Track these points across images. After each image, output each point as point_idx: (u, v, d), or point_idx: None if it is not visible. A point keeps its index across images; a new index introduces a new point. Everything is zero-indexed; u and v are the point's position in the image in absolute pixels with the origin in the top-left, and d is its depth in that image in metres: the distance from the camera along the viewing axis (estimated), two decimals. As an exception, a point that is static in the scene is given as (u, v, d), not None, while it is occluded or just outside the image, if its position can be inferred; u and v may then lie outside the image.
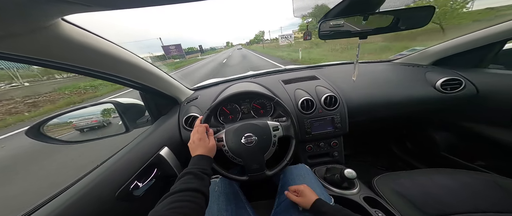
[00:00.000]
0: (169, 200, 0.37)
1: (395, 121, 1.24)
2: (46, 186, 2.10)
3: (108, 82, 0.69)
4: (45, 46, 0.40)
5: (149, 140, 0.74)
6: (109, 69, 0.58)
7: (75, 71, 0.51)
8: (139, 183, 0.60)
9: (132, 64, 0.62)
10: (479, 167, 1.01)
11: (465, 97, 0.94)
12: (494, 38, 0.88)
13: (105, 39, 0.53)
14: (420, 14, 0.47)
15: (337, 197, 0.71)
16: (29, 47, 0.38)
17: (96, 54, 0.50)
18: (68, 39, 0.42)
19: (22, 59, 0.40)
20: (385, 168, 1.39)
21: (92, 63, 0.52)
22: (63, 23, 0.40)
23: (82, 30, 0.45)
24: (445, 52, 1.08)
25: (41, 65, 0.44)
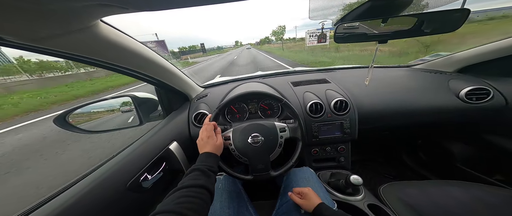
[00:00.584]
0: (177, 194, 0.39)
1: (410, 130, 1.17)
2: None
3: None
4: (86, 44, 0.44)
5: (161, 134, 0.77)
6: (135, 66, 0.62)
7: (107, 67, 0.56)
8: (149, 176, 0.63)
9: (153, 61, 0.66)
10: (497, 181, 0.94)
11: (492, 109, 0.86)
12: None
13: (133, 38, 0.57)
14: (452, 17, 0.42)
15: (340, 202, 0.70)
16: (72, 45, 0.42)
17: (126, 52, 0.54)
18: (105, 39, 0.46)
19: (66, 55, 0.44)
20: (393, 177, 1.33)
21: (121, 60, 0.57)
22: (101, 24, 0.44)
23: (115, 30, 0.49)
24: (473, 59, 0.98)
25: (80, 61, 0.49)
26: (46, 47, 0.39)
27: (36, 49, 0.39)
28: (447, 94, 0.91)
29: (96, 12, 0.36)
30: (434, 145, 1.23)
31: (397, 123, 0.97)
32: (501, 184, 0.91)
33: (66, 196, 0.43)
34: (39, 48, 0.39)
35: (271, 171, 0.64)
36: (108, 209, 0.48)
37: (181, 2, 0.34)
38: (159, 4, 0.34)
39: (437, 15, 0.43)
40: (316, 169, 0.87)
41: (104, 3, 0.32)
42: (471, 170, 1.04)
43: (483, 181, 0.96)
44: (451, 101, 0.89)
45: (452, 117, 0.93)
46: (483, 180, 0.98)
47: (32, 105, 6.33)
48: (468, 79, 0.93)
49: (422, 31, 0.45)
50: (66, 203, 0.42)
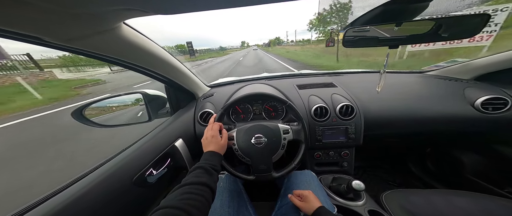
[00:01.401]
0: (180, 191, 0.39)
1: (418, 138, 1.12)
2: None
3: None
4: (109, 44, 0.48)
5: (167, 130, 0.79)
6: (150, 65, 0.65)
7: (125, 66, 0.59)
8: (154, 171, 0.64)
9: (166, 61, 0.69)
10: (508, 194, 0.89)
11: (509, 120, 0.80)
12: None
13: (150, 40, 0.59)
14: (471, 22, 0.40)
15: (341, 207, 0.69)
16: (98, 45, 0.46)
17: (143, 53, 0.58)
18: (126, 39, 0.49)
19: (92, 55, 0.48)
20: (397, 185, 1.28)
21: (139, 59, 0.60)
22: (124, 26, 0.47)
23: (136, 32, 0.52)
24: (493, 66, 0.91)
25: (104, 60, 0.53)
26: (76, 47, 0.43)
27: (68, 49, 0.43)
28: (462, 102, 0.86)
29: (120, 15, 0.39)
30: (443, 154, 1.17)
31: (406, 130, 0.93)
32: (511, 196, 0.87)
33: (76, 188, 0.46)
34: (71, 48, 0.42)
35: (273, 172, 0.64)
36: (113, 202, 0.50)
37: (194, 7, 0.36)
38: (174, 8, 0.37)
39: (453, 20, 0.40)
40: (318, 172, 0.85)
41: (127, 7, 0.35)
42: (481, 181, 0.99)
43: (493, 193, 0.91)
44: (465, 110, 0.84)
45: (465, 127, 0.88)
46: (493, 192, 0.93)
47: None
48: (485, 88, 0.88)
49: (439, 35, 0.42)
50: (75, 195, 0.44)
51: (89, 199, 0.45)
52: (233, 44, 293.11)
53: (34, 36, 0.35)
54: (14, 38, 0.35)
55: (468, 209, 0.60)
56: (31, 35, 0.35)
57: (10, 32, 0.32)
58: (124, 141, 0.75)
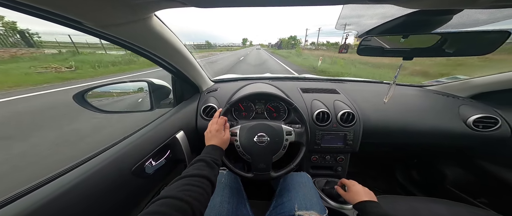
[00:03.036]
0: (182, 182, 0.39)
1: (409, 150, 1.16)
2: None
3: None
4: (137, 34, 0.48)
5: (170, 121, 0.77)
6: (168, 57, 0.66)
7: (144, 55, 0.59)
8: (153, 162, 0.62)
9: (180, 52, 0.68)
10: (480, 204, 0.98)
11: (496, 138, 0.84)
12: None
13: (172, 32, 0.60)
14: (488, 38, 0.39)
15: (331, 209, 0.71)
16: (127, 33, 0.46)
17: (166, 45, 0.59)
18: (154, 31, 0.50)
19: (120, 42, 0.48)
20: (381, 192, 1.33)
21: (161, 51, 0.61)
22: (154, 17, 0.47)
23: (163, 24, 0.53)
24: (489, 87, 0.94)
25: (132, 50, 0.54)
26: (111, 34, 0.43)
27: (103, 35, 0.43)
28: (455, 119, 0.89)
29: (155, 5, 0.39)
30: (428, 165, 1.23)
31: (399, 141, 0.95)
32: (482, 205, 0.94)
33: (74, 174, 0.43)
34: (106, 34, 0.43)
35: (271, 171, 0.64)
36: (111, 191, 0.48)
37: (232, 2, 0.36)
38: (212, 2, 0.37)
39: (473, 35, 0.40)
40: (313, 175, 0.86)
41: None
42: (458, 191, 1.06)
43: (467, 202, 0.95)
44: (457, 127, 0.87)
45: (455, 142, 0.92)
46: (468, 201, 1.00)
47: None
48: (479, 107, 0.91)
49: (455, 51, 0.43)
50: (73, 182, 0.42)
51: (86, 187, 0.43)
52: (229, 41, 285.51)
53: (75, 20, 0.35)
54: (57, 21, 0.35)
55: (443, 215, 0.65)
56: (73, 19, 0.35)
57: (55, 14, 0.33)
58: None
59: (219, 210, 0.57)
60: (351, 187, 0.62)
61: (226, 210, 0.58)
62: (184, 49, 0.70)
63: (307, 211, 0.56)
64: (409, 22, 0.36)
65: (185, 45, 0.71)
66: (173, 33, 0.61)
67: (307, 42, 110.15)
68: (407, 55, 0.46)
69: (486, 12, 0.35)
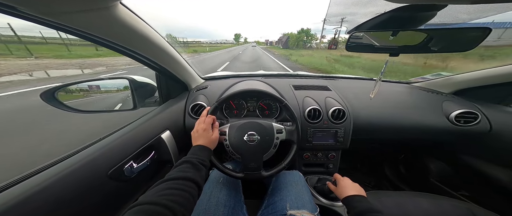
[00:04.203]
0: (162, 186, 0.36)
1: (397, 145, 1.21)
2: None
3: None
4: (101, 24, 0.43)
5: (154, 121, 0.73)
6: (143, 51, 0.61)
7: (117, 50, 0.54)
8: (134, 164, 0.59)
9: (161, 47, 0.64)
10: (461, 196, 1.03)
11: (476, 133, 0.89)
12: None
13: (147, 24, 0.55)
14: (470, 35, 0.40)
15: (323, 207, 0.72)
16: (87, 23, 0.41)
17: (138, 37, 0.53)
18: (121, 21, 0.45)
19: (78, 33, 0.43)
20: (371, 187, 1.39)
21: (132, 44, 0.56)
22: (120, 6, 0.43)
23: (132, 13, 0.48)
24: (471, 83, 0.99)
25: (95, 42, 0.48)
26: (61, 23, 0.37)
27: (49, 23, 0.37)
28: (438, 114, 0.93)
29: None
30: (413, 161, 1.28)
31: (387, 137, 0.98)
32: (463, 198, 1.00)
33: (42, 177, 0.40)
34: (54, 23, 0.37)
35: (262, 171, 0.63)
36: (85, 195, 0.45)
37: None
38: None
39: (456, 32, 0.41)
40: (305, 173, 0.87)
41: None
42: (441, 185, 1.11)
43: (450, 195, 1.03)
44: (440, 122, 0.91)
45: (438, 137, 0.96)
46: (450, 194, 1.05)
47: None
48: (460, 102, 0.95)
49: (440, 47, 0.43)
50: (41, 185, 0.38)
51: (56, 190, 0.40)
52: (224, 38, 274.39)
53: (6, 4, 0.30)
54: None
55: (429, 210, 0.68)
56: (2, 3, 0.29)
57: None
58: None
59: (214, 213, 0.55)
60: (341, 182, 0.64)
61: (223, 207, 0.57)
62: (166, 44, 0.66)
63: (298, 210, 0.56)
64: (395, 18, 0.36)
65: (168, 41, 0.67)
66: (150, 26, 0.56)
67: (323, 39, 76.29)
68: (394, 52, 0.46)
69: (466, 11, 0.35)
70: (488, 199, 0.95)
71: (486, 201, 0.95)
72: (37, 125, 2.42)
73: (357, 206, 0.51)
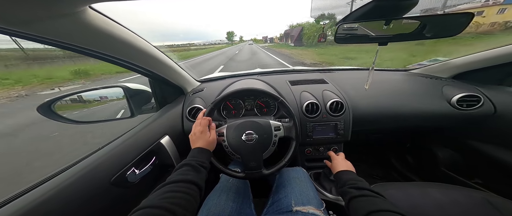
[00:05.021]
0: (163, 189, 0.38)
1: (400, 134, 1.19)
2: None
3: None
4: (72, 31, 0.42)
5: (152, 127, 0.74)
6: (126, 56, 0.60)
7: (96, 56, 0.53)
8: (136, 170, 0.60)
9: (146, 52, 0.63)
10: (475, 184, 0.98)
11: (481, 116, 0.87)
12: None
13: (126, 28, 0.54)
14: (455, 21, 0.41)
15: (329, 202, 0.72)
16: (56, 31, 0.40)
17: (117, 42, 0.52)
18: (94, 26, 0.44)
19: (49, 42, 0.41)
20: (380, 178, 1.37)
21: (112, 50, 0.54)
22: (90, 10, 0.42)
23: (106, 18, 0.47)
24: (469, 66, 0.99)
25: (67, 49, 0.46)
26: (25, 32, 0.36)
27: (14, 33, 0.35)
28: (440, 100, 0.92)
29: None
30: (421, 148, 1.25)
31: (389, 126, 0.98)
32: (478, 186, 0.96)
33: (45, 188, 0.41)
34: (17, 32, 0.35)
35: (263, 169, 0.64)
36: (89, 203, 0.47)
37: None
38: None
39: (441, 18, 0.42)
40: (308, 168, 0.87)
41: None
42: (453, 173, 1.08)
43: (463, 184, 0.98)
44: (442, 107, 0.90)
45: (442, 123, 0.95)
46: (463, 183, 1.01)
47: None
48: (461, 86, 0.94)
49: (424, 34, 0.44)
50: (43, 196, 0.40)
51: (60, 201, 0.41)
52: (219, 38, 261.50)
53: None
54: None
55: (440, 200, 0.65)
56: None
57: None
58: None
59: (223, 208, 0.58)
60: (334, 160, 0.70)
61: (230, 208, 0.59)
62: (152, 48, 0.66)
63: (304, 207, 0.56)
64: (379, 7, 0.36)
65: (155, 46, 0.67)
66: (130, 30, 0.56)
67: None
68: (382, 41, 0.47)
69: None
70: (504, 186, 0.89)
71: (502, 188, 0.89)
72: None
73: (342, 178, 0.58)
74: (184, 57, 21.39)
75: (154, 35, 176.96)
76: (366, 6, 0.39)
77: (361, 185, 0.51)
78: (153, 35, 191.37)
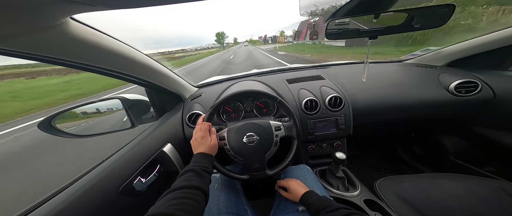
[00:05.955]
0: (169, 196, 0.38)
1: (403, 124, 1.19)
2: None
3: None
4: (54, 44, 0.41)
5: (153, 136, 0.75)
6: (116, 67, 0.59)
7: (83, 68, 0.52)
8: (142, 179, 0.62)
9: (138, 62, 0.63)
10: (488, 173, 0.96)
11: (480, 101, 0.88)
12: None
13: (113, 38, 0.54)
14: (439, 12, 0.43)
15: (337, 198, 0.71)
16: (38, 45, 0.39)
17: (104, 52, 0.51)
18: (77, 38, 0.43)
19: (33, 57, 0.41)
20: (388, 171, 1.35)
21: (100, 61, 0.53)
22: (72, 22, 0.41)
23: (90, 28, 0.46)
24: (462, 53, 1.01)
25: (51, 63, 0.45)
26: (3, 48, 0.35)
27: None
28: (438, 87, 0.93)
29: (62, 9, 0.33)
30: (426, 138, 1.25)
31: (391, 117, 0.98)
32: (492, 175, 0.94)
33: (55, 202, 0.42)
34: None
35: (267, 170, 0.64)
36: (100, 214, 0.47)
37: (147, 1, 0.32)
38: (126, 2, 0.33)
39: (426, 10, 0.43)
40: (312, 166, 0.87)
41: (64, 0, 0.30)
42: (463, 162, 1.06)
43: (475, 173, 0.98)
44: (441, 95, 0.91)
45: (443, 110, 0.95)
46: (475, 172, 1.00)
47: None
48: (457, 73, 0.96)
49: (412, 26, 0.45)
50: (54, 210, 0.41)
51: (72, 213, 0.42)
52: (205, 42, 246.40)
53: None
54: None
55: (454, 190, 0.64)
56: None
57: None
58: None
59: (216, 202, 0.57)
60: (290, 186, 0.62)
61: (225, 214, 0.58)
62: (144, 57, 0.66)
63: None
64: (364, 2, 0.38)
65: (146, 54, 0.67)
66: (119, 40, 0.55)
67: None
68: (371, 35, 0.48)
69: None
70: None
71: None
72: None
73: (314, 203, 0.52)
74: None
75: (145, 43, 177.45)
76: (352, 2, 0.40)
77: (335, 205, 0.47)
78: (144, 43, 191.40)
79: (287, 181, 0.64)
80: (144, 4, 0.33)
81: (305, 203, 0.54)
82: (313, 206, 0.50)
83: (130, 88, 7.25)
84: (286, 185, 0.63)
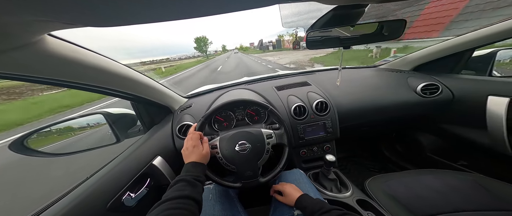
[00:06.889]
0: (161, 208, 0.37)
1: (384, 125, 1.29)
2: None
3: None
4: (32, 62, 0.39)
5: (142, 149, 0.73)
6: (98, 82, 0.58)
7: (64, 85, 0.51)
8: (132, 194, 0.59)
9: (121, 75, 0.62)
10: (461, 166, 1.06)
11: (443, 101, 1.00)
12: (463, 46, 0.97)
13: (95, 52, 0.53)
14: (395, 26, 0.52)
15: (330, 200, 0.73)
16: (15, 63, 0.37)
17: (85, 68, 0.50)
18: (55, 54, 0.41)
19: (8, 76, 0.39)
20: (377, 170, 1.43)
21: (80, 76, 0.52)
22: (49, 38, 0.40)
23: (70, 44, 0.45)
24: (423, 59, 1.17)
25: (30, 81, 0.43)
26: None
27: None
28: (407, 90, 1.05)
29: (38, 27, 0.32)
30: (405, 137, 1.37)
31: (372, 119, 1.07)
32: (465, 168, 1.04)
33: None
34: None
35: (259, 177, 0.65)
36: None
37: (126, 20, 0.32)
38: (104, 21, 0.32)
39: (390, 22, 0.52)
40: (306, 169, 0.89)
41: (42, 19, 0.29)
42: (439, 158, 1.16)
43: (450, 167, 1.07)
44: (411, 97, 1.02)
45: (415, 111, 1.07)
46: (450, 166, 1.09)
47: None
48: (421, 77, 1.09)
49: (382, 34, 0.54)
50: None
51: None
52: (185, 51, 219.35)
53: None
54: None
55: (434, 185, 0.69)
56: None
57: None
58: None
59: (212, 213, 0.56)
60: (285, 190, 0.63)
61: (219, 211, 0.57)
62: (128, 70, 0.66)
63: None
64: (336, 16, 0.44)
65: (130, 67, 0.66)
66: (100, 54, 0.54)
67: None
68: (345, 44, 0.55)
69: (378, 8, 0.45)
70: (484, 163, 0.97)
71: (484, 166, 0.97)
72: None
73: (305, 206, 0.53)
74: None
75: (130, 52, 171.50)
76: (326, 15, 0.47)
77: (328, 207, 0.49)
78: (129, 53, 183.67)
79: (282, 185, 0.65)
80: (123, 23, 0.33)
81: (300, 207, 0.55)
82: (308, 208, 0.52)
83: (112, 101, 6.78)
84: (281, 189, 0.64)
